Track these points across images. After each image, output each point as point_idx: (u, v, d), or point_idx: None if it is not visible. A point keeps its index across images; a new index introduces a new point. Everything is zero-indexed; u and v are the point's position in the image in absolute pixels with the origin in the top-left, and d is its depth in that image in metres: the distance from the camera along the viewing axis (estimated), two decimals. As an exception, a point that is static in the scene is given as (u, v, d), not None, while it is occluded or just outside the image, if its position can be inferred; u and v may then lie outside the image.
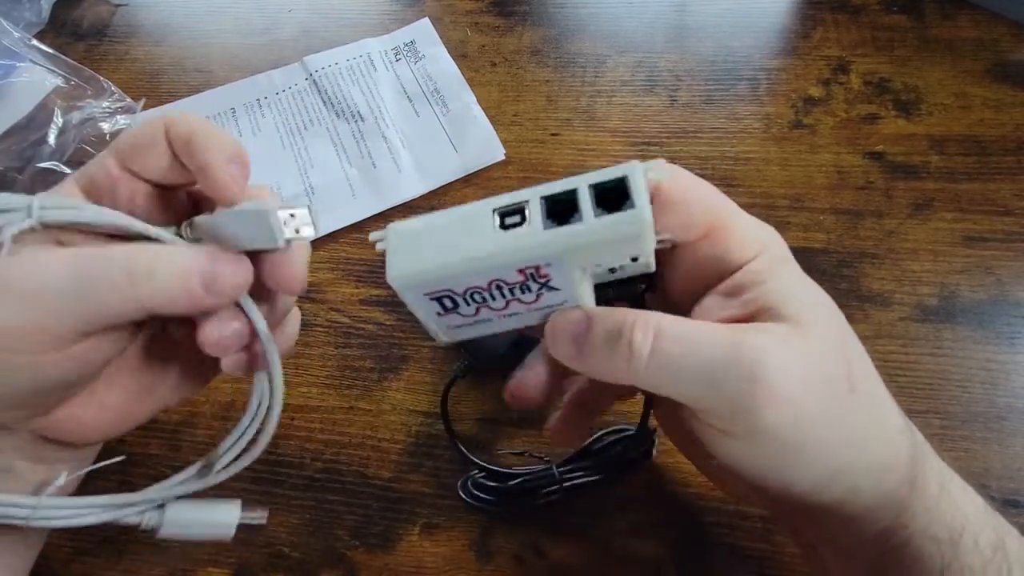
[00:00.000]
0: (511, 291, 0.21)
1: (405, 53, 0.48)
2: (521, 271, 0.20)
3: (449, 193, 0.42)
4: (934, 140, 0.40)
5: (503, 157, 0.42)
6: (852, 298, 0.36)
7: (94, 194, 0.23)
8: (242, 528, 0.32)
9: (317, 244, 0.41)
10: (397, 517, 0.32)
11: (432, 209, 0.41)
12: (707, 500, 0.31)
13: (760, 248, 0.22)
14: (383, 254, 0.21)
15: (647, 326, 0.20)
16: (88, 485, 0.34)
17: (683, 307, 0.23)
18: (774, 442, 0.20)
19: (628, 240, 0.19)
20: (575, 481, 0.31)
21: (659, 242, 0.21)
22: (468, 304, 0.22)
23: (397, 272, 0.21)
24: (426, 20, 0.49)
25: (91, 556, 0.32)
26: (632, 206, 0.19)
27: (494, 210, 0.20)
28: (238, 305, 0.23)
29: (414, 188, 0.42)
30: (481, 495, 0.31)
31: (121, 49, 0.51)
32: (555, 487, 0.30)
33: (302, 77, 0.47)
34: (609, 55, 0.46)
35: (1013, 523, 0.25)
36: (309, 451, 0.34)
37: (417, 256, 0.21)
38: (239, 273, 0.22)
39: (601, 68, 0.46)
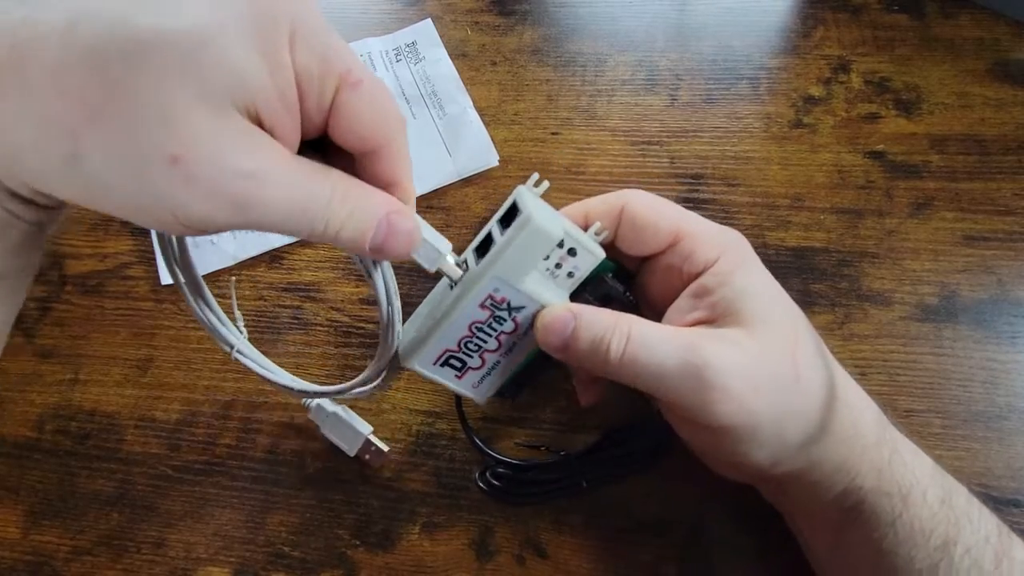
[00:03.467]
0: (491, 327, 0.26)
1: (406, 54, 0.48)
2: (482, 305, 0.25)
3: (448, 193, 0.42)
4: (935, 139, 0.40)
5: (497, 163, 0.42)
6: (852, 297, 0.36)
7: None
8: (242, 525, 0.32)
9: (316, 243, 0.41)
10: (398, 516, 0.32)
11: (429, 209, 0.41)
12: (708, 499, 0.31)
13: (721, 251, 0.25)
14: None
15: (621, 333, 0.24)
16: (89, 484, 0.34)
17: (661, 308, 0.27)
18: (728, 431, 0.24)
19: (534, 237, 0.24)
20: (590, 470, 0.31)
21: (596, 235, 0.26)
22: (471, 355, 0.26)
23: (406, 357, 0.26)
24: (428, 21, 0.49)
25: (91, 556, 0.32)
26: (520, 212, 0.24)
27: (448, 281, 0.25)
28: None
29: None
30: (500, 484, 0.31)
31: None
32: (575, 478, 0.31)
33: None
34: (609, 54, 0.46)
35: (1014, 524, 0.25)
36: (309, 450, 0.34)
37: (413, 340, 0.26)
38: (408, 241, 0.22)
39: (601, 67, 0.46)
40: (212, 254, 0.40)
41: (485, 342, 0.26)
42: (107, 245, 0.42)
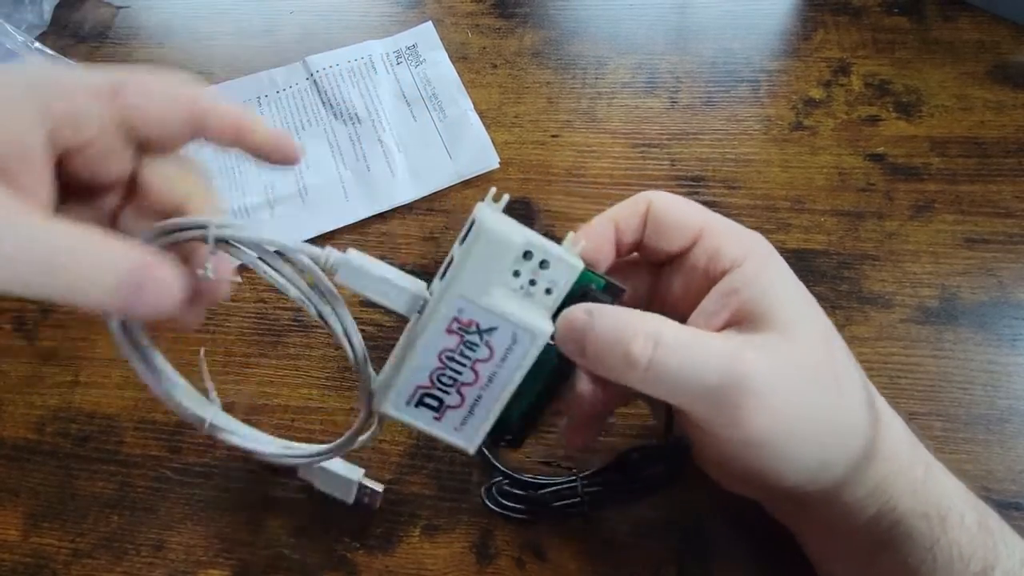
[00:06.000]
0: (463, 355, 0.23)
1: (407, 56, 0.48)
2: (449, 330, 0.22)
3: (448, 195, 0.42)
4: (935, 142, 0.40)
5: (497, 165, 0.42)
6: (853, 300, 0.36)
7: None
8: (243, 527, 0.32)
9: (315, 245, 0.41)
10: (398, 519, 0.32)
11: (430, 211, 0.41)
12: (708, 500, 0.31)
13: (747, 250, 0.24)
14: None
15: (647, 337, 0.21)
16: (89, 487, 0.34)
17: (684, 312, 0.25)
18: (763, 446, 0.22)
19: (491, 246, 0.22)
20: (599, 493, 0.30)
21: (573, 245, 0.24)
22: (447, 391, 0.24)
23: (378, 402, 0.24)
24: (429, 24, 0.49)
25: (91, 558, 0.32)
26: (474, 223, 0.22)
27: (415, 314, 0.23)
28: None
29: (407, 193, 0.42)
30: (507, 503, 0.31)
31: (123, 51, 0.51)
32: (577, 499, 0.30)
33: (303, 77, 0.48)
34: (610, 57, 0.46)
35: (1015, 526, 0.25)
36: (309, 453, 0.34)
37: (383, 382, 0.24)
38: (169, 276, 0.19)
39: (602, 70, 0.46)
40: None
41: (460, 374, 0.23)
42: (108, 247, 0.42)
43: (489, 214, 0.22)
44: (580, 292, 0.24)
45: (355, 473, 0.31)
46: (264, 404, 0.36)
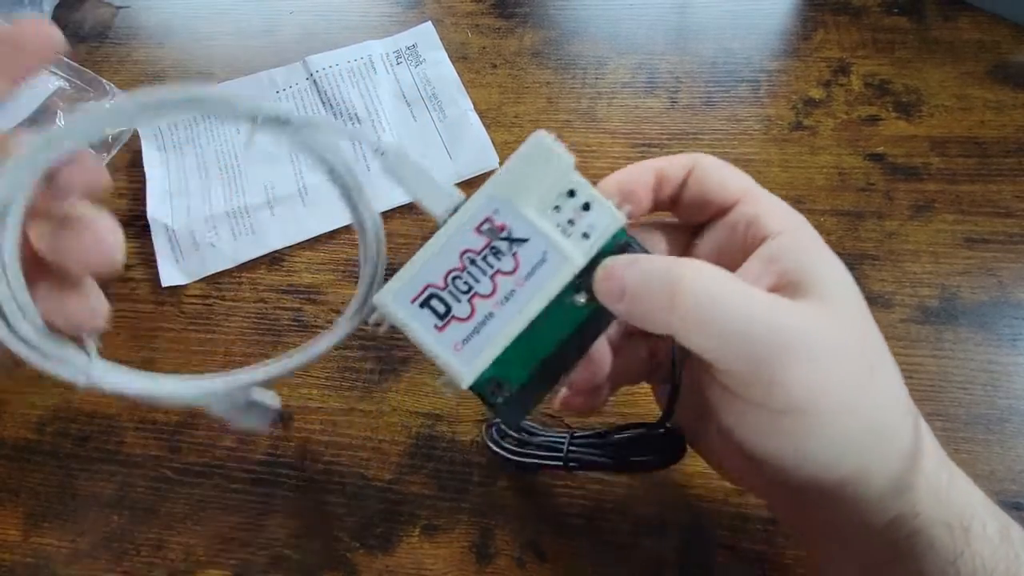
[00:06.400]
0: (486, 261, 0.21)
1: (406, 56, 0.48)
2: (478, 229, 0.21)
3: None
4: (935, 142, 0.40)
5: (497, 165, 0.42)
6: (853, 300, 0.36)
7: None
8: (243, 527, 0.32)
9: (316, 245, 0.41)
10: (398, 519, 0.32)
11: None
12: (708, 501, 0.31)
13: (793, 224, 0.23)
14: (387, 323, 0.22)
15: (694, 278, 0.20)
16: (89, 486, 0.34)
17: None
18: (802, 414, 0.20)
19: (542, 152, 0.21)
20: (583, 457, 0.30)
21: (619, 207, 0.22)
22: (458, 298, 0.21)
23: (380, 294, 0.21)
24: (429, 24, 0.49)
25: (91, 558, 0.32)
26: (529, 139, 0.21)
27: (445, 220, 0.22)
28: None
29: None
30: (506, 444, 0.31)
31: (123, 51, 0.51)
32: (560, 457, 0.30)
33: (303, 77, 0.48)
34: (610, 57, 0.46)
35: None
36: (309, 452, 0.34)
37: (393, 279, 0.21)
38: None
39: (602, 70, 0.46)
40: (211, 257, 0.40)
41: (478, 281, 0.21)
42: (108, 247, 0.42)
43: (547, 136, 0.21)
44: (616, 247, 0.22)
45: (269, 396, 0.25)
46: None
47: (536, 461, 0.30)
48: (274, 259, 0.40)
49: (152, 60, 0.50)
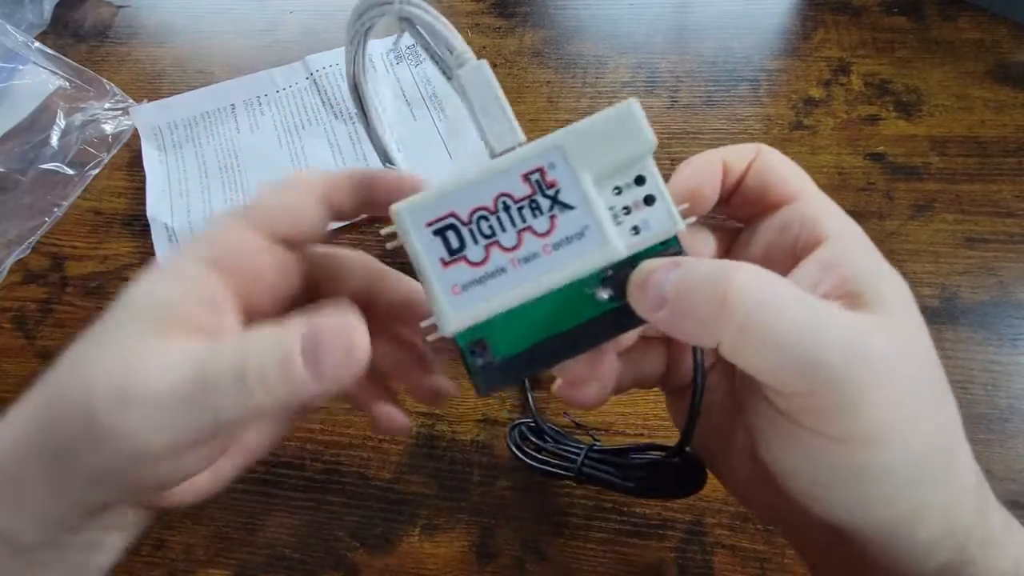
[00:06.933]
0: (520, 213, 0.19)
1: (407, 56, 0.48)
2: (525, 176, 0.19)
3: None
4: (935, 141, 0.40)
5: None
6: (853, 299, 0.36)
7: None
8: (243, 527, 0.32)
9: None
10: (398, 518, 0.32)
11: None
12: (709, 501, 0.31)
13: (850, 230, 0.20)
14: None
15: (748, 284, 0.17)
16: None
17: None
18: (867, 441, 0.17)
19: (627, 121, 0.19)
20: (595, 473, 0.29)
21: (682, 212, 0.20)
22: (476, 242, 0.19)
23: (399, 204, 0.19)
24: None
25: (91, 557, 0.32)
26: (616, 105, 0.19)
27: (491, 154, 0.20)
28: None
29: None
30: (525, 447, 0.31)
31: (123, 50, 0.51)
32: (574, 468, 0.29)
33: (303, 76, 0.48)
34: (610, 56, 0.46)
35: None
36: (309, 452, 0.34)
37: (419, 195, 0.19)
38: (349, 325, 0.18)
39: (602, 69, 0.46)
40: None
41: (504, 230, 0.19)
42: (108, 247, 0.42)
43: (639, 109, 0.19)
44: (662, 253, 0.19)
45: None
46: (264, 404, 0.36)
47: (549, 469, 0.30)
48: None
49: (152, 59, 0.50)
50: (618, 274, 0.19)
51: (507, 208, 0.19)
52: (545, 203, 0.19)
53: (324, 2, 0.52)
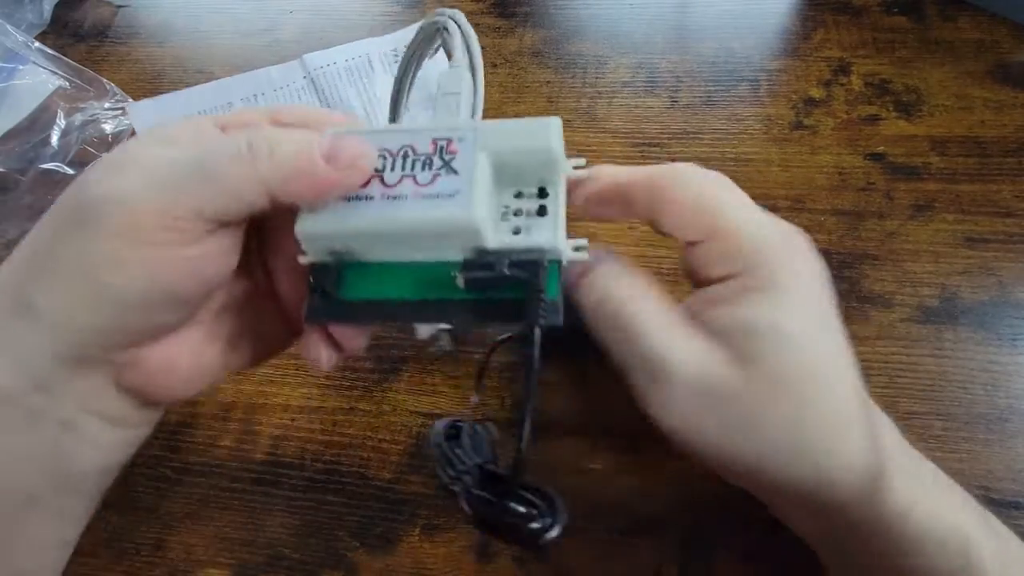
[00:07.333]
0: (412, 163, 0.20)
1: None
2: (434, 141, 0.20)
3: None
4: (935, 141, 0.40)
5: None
6: (853, 299, 0.36)
7: None
8: (243, 527, 0.32)
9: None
10: (398, 518, 0.32)
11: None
12: (709, 500, 0.31)
13: (749, 263, 0.21)
14: None
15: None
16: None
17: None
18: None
19: (536, 135, 0.20)
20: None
21: (575, 248, 0.21)
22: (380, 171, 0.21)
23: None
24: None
25: (91, 557, 0.32)
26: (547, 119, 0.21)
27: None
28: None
29: None
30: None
31: (123, 50, 0.51)
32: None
33: (300, 75, 0.47)
34: (610, 56, 0.46)
35: (1015, 527, 0.25)
36: (309, 452, 0.34)
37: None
38: (362, 147, 0.20)
39: (602, 69, 0.46)
40: None
41: (392, 171, 0.20)
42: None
43: (557, 127, 0.21)
44: (531, 265, 0.20)
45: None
46: (264, 404, 0.36)
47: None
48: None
49: (152, 59, 0.50)
50: (479, 266, 0.20)
51: (405, 156, 0.20)
52: (438, 163, 0.20)
53: (324, 2, 0.52)
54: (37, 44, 0.49)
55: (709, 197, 0.22)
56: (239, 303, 0.24)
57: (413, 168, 0.20)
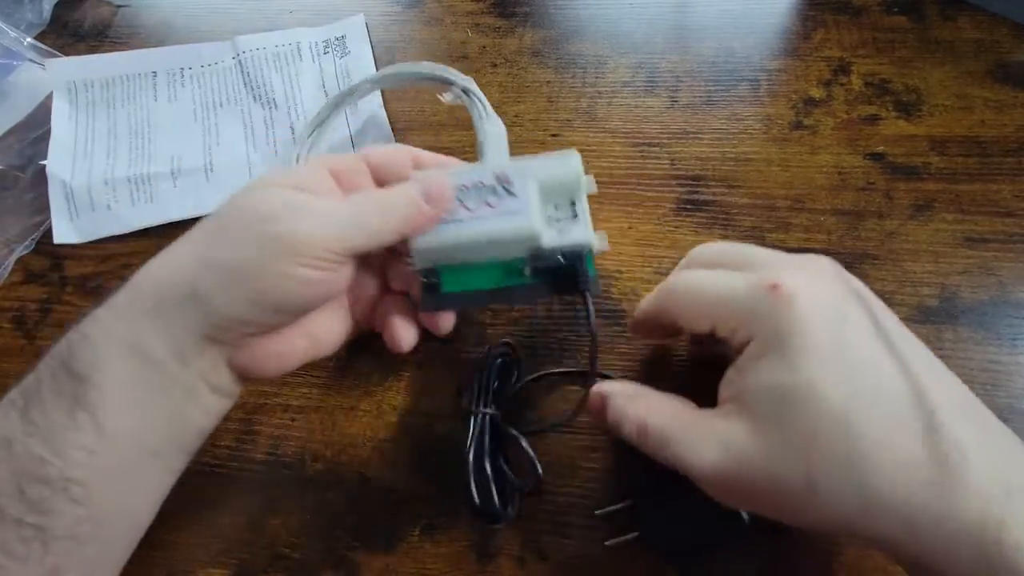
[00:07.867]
0: (483, 193, 0.28)
1: (334, 47, 0.48)
2: (496, 177, 0.29)
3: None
4: (935, 141, 0.40)
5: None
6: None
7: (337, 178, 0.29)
8: (243, 527, 0.32)
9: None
10: (398, 518, 0.32)
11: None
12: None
13: (750, 333, 0.24)
14: None
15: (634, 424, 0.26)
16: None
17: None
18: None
19: (564, 166, 0.29)
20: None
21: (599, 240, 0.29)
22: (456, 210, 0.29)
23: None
24: (360, 16, 0.49)
25: (91, 557, 0.32)
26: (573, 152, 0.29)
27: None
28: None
29: None
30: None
31: (122, 50, 0.51)
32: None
33: (229, 55, 0.47)
34: (610, 56, 0.46)
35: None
36: (310, 452, 0.34)
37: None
38: (445, 182, 0.28)
39: (602, 69, 0.46)
40: (106, 219, 0.42)
41: (470, 199, 0.28)
42: (108, 246, 0.42)
43: (577, 159, 0.29)
44: (571, 253, 0.28)
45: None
46: (264, 404, 0.36)
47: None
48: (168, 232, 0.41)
49: (152, 59, 0.50)
50: (539, 259, 0.28)
51: (479, 189, 0.29)
52: (501, 191, 0.28)
53: (324, 2, 0.52)
54: (36, 43, 0.49)
55: (695, 293, 0.26)
56: (324, 307, 0.30)
57: (484, 197, 0.28)
